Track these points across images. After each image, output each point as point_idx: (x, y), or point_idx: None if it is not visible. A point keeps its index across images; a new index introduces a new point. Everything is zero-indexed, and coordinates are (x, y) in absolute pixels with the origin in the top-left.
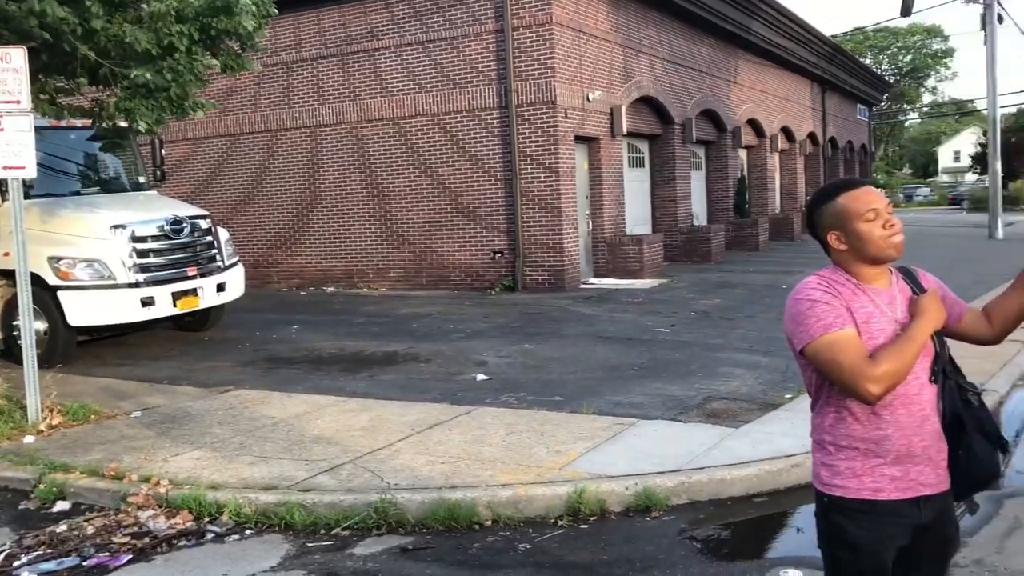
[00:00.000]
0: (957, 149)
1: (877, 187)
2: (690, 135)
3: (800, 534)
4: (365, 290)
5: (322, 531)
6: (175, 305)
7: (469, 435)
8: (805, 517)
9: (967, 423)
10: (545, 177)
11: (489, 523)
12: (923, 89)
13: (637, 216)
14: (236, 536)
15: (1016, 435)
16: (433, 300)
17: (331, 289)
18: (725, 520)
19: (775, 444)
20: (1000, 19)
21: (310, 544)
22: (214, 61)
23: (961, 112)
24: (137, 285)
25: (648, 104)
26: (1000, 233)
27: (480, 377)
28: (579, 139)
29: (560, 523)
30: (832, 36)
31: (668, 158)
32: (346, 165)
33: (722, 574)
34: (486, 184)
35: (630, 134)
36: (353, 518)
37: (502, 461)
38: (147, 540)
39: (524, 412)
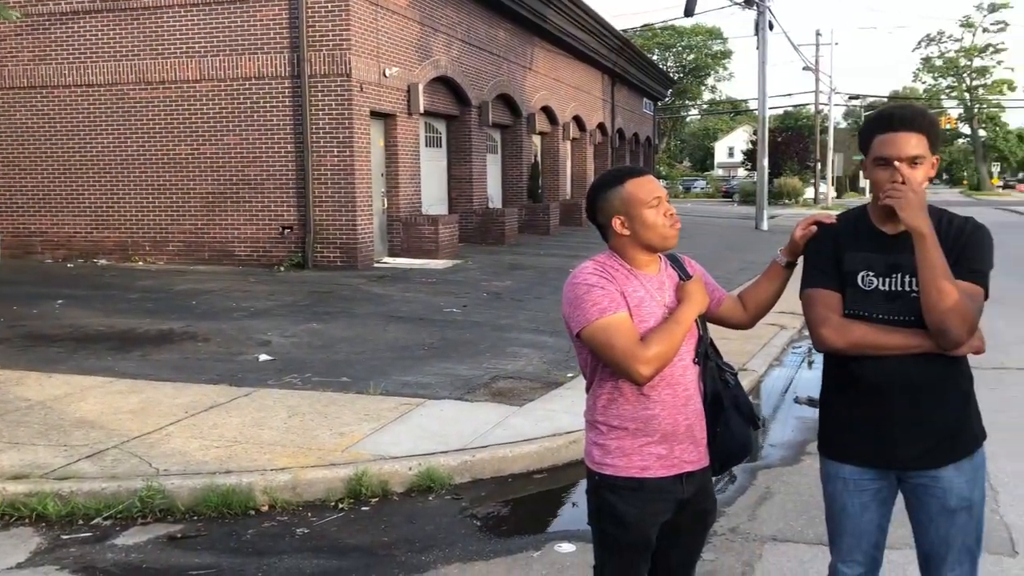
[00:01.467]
0: (731, 145)
1: (659, 178)
2: (487, 118)
3: (576, 508)
4: (141, 264)
5: (80, 522)
6: None
7: (248, 418)
8: (581, 492)
9: (725, 401)
10: (339, 152)
11: (266, 508)
12: (704, 87)
13: (433, 196)
14: None
15: (773, 411)
16: (216, 276)
17: (103, 262)
18: (506, 497)
19: (556, 421)
20: (771, 26)
21: (65, 536)
22: None
23: (736, 111)
24: None
25: (446, 84)
26: (765, 225)
27: (263, 357)
28: (375, 115)
29: (340, 506)
30: (623, 31)
31: (465, 140)
32: (122, 129)
33: (500, 551)
34: (275, 156)
35: (427, 113)
36: (116, 507)
37: (282, 444)
38: None
39: (308, 393)
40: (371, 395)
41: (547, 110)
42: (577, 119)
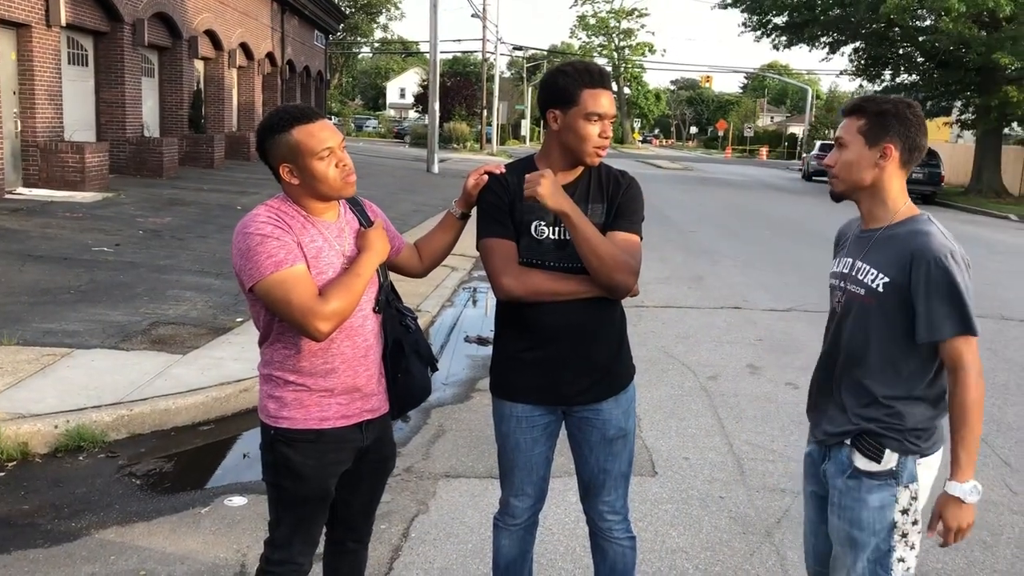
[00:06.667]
0: (403, 86)
1: (331, 116)
2: (142, 37)
3: (247, 459)
4: None
5: None
6: None
7: None
8: (252, 442)
9: (406, 348)
10: None
11: None
12: (375, 25)
13: (78, 120)
14: None
15: (446, 351)
16: None
17: None
18: (169, 452)
19: (224, 369)
20: None
21: None
22: None
23: (407, 52)
24: None
25: None
26: (436, 168)
27: None
28: (5, 23)
29: None
30: None
31: (116, 60)
32: None
33: (164, 509)
34: None
35: (71, 27)
36: None
37: None
38: None
39: None
40: (5, 345)
41: (211, 34)
42: (244, 46)
